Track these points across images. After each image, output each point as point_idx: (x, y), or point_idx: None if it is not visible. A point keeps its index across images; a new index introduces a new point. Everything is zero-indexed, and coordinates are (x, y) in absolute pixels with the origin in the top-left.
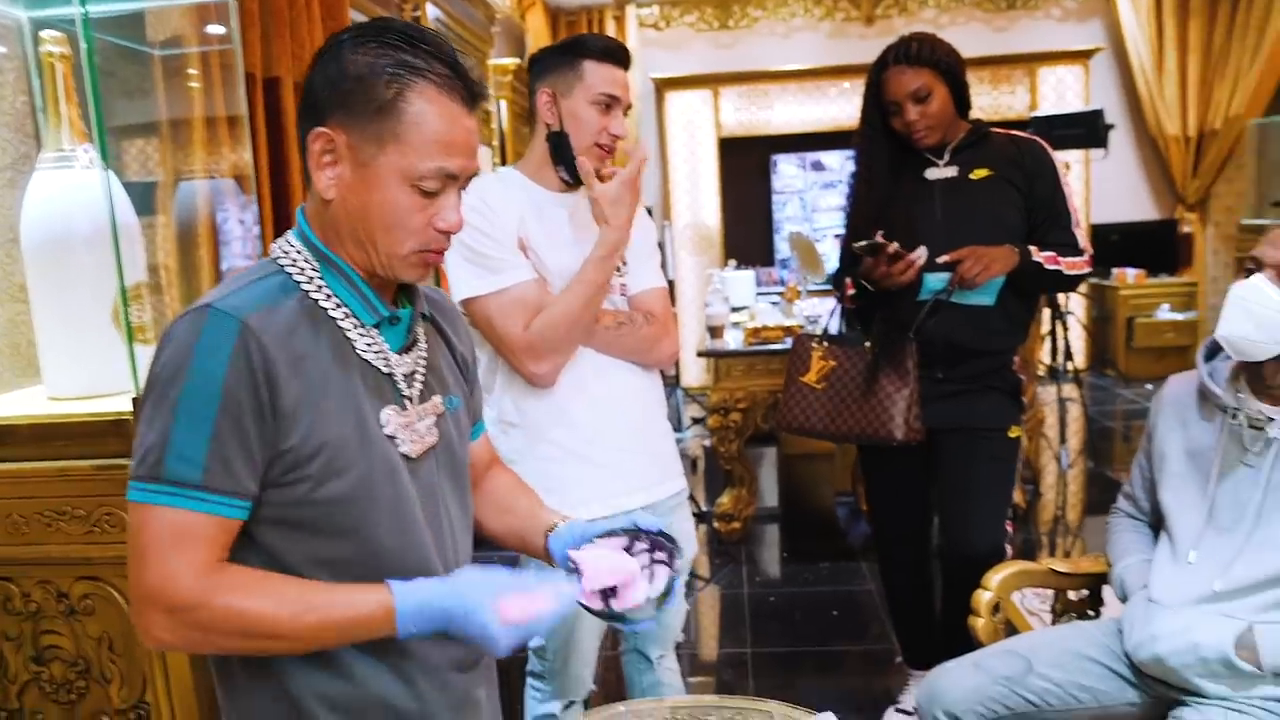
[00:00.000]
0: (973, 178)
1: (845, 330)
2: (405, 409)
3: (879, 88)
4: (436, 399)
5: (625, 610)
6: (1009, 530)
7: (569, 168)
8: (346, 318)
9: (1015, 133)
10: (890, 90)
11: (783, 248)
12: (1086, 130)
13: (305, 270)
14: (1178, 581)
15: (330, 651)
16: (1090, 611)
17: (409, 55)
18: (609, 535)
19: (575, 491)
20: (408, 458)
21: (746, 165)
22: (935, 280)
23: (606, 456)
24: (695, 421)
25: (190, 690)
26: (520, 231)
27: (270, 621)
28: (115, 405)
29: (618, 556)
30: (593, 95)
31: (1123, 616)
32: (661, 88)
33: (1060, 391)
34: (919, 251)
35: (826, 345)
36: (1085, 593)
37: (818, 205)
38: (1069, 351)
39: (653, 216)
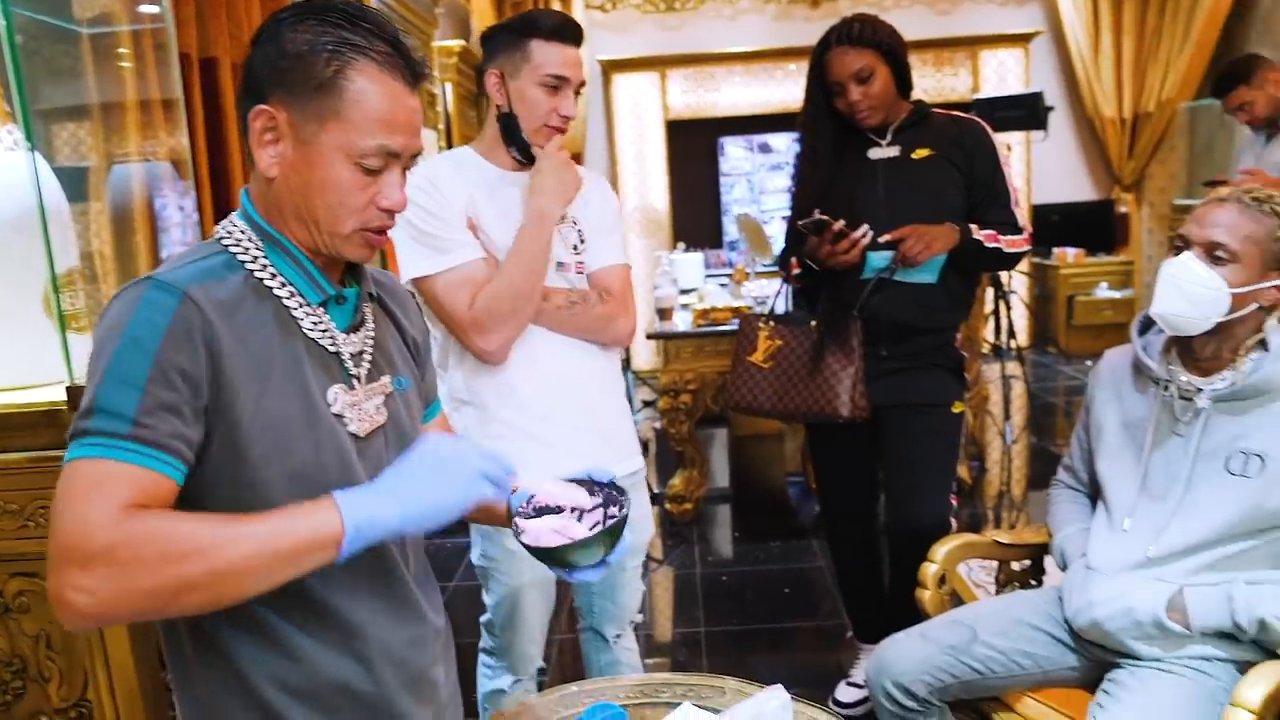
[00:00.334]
0: (914, 157)
1: (791, 310)
2: (353, 388)
3: (822, 68)
4: (385, 379)
5: (571, 557)
6: (953, 504)
7: (520, 149)
8: (292, 296)
9: (956, 113)
10: (833, 71)
11: (731, 230)
12: (1027, 112)
13: (250, 250)
14: (1114, 549)
15: (283, 635)
16: (1033, 581)
17: (349, 33)
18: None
19: (524, 470)
20: (356, 437)
21: (694, 147)
22: (879, 259)
23: (556, 435)
24: (646, 404)
25: (134, 687)
26: (469, 211)
27: (196, 536)
28: (48, 395)
29: (568, 489)
30: (540, 76)
31: (1062, 584)
32: (608, 70)
33: (1004, 369)
34: (862, 229)
35: (773, 325)
36: (1027, 563)
37: (765, 187)
38: (1012, 329)
39: None
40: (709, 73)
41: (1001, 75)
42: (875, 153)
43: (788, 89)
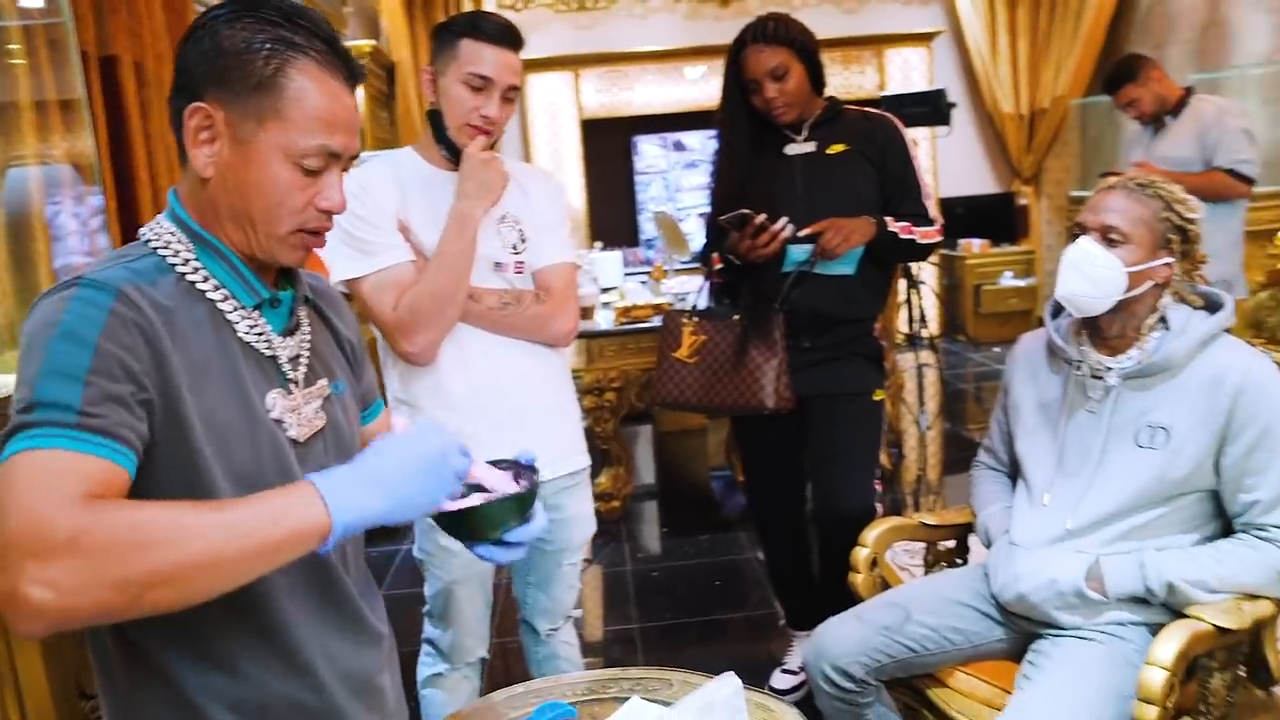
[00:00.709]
0: (829, 153)
1: (711, 305)
2: (291, 392)
3: (738, 66)
4: (322, 382)
5: (474, 524)
6: (877, 489)
7: (447, 146)
8: (226, 299)
9: (867, 109)
10: (749, 68)
11: (647, 228)
12: (932, 108)
13: (180, 252)
14: (1035, 523)
15: (222, 651)
16: (958, 560)
17: (288, 31)
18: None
19: None
20: (295, 442)
21: (609, 146)
22: (798, 252)
23: (488, 435)
24: None
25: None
26: (400, 213)
27: (167, 522)
28: None
29: (493, 473)
30: (462, 74)
31: (987, 561)
32: (522, 69)
33: (918, 357)
34: (782, 222)
35: (696, 320)
36: (952, 543)
37: (680, 185)
38: (924, 319)
39: None
40: (622, 72)
41: (906, 73)
42: (792, 149)
43: (700, 87)
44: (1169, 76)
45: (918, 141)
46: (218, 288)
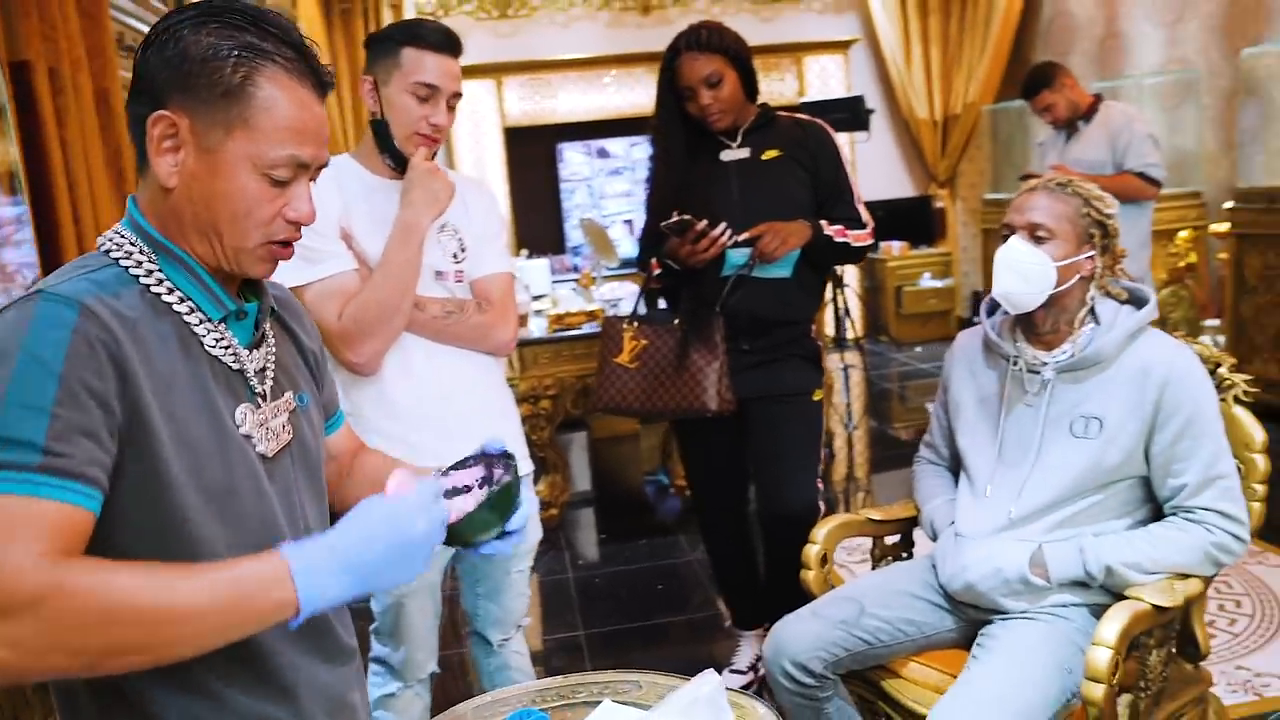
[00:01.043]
0: (764, 158)
1: (646, 310)
2: (259, 406)
3: (673, 73)
4: (288, 395)
5: (466, 533)
6: (819, 487)
7: (392, 156)
8: (192, 312)
9: (799, 115)
10: (684, 76)
11: (574, 235)
12: (851, 114)
13: (142, 263)
14: (979, 514)
15: (199, 677)
16: (904, 553)
17: (254, 38)
18: (461, 466)
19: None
20: (264, 457)
21: (533, 154)
22: (737, 256)
23: (433, 444)
24: None
25: None
26: (343, 222)
27: (137, 596)
28: None
29: (467, 473)
30: (409, 84)
31: (934, 553)
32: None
33: (843, 358)
34: (721, 227)
35: (637, 325)
36: (898, 537)
37: (605, 192)
38: (851, 320)
39: None
40: (545, 79)
41: (824, 80)
42: (727, 155)
43: (624, 95)
44: (1080, 84)
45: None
46: (183, 300)
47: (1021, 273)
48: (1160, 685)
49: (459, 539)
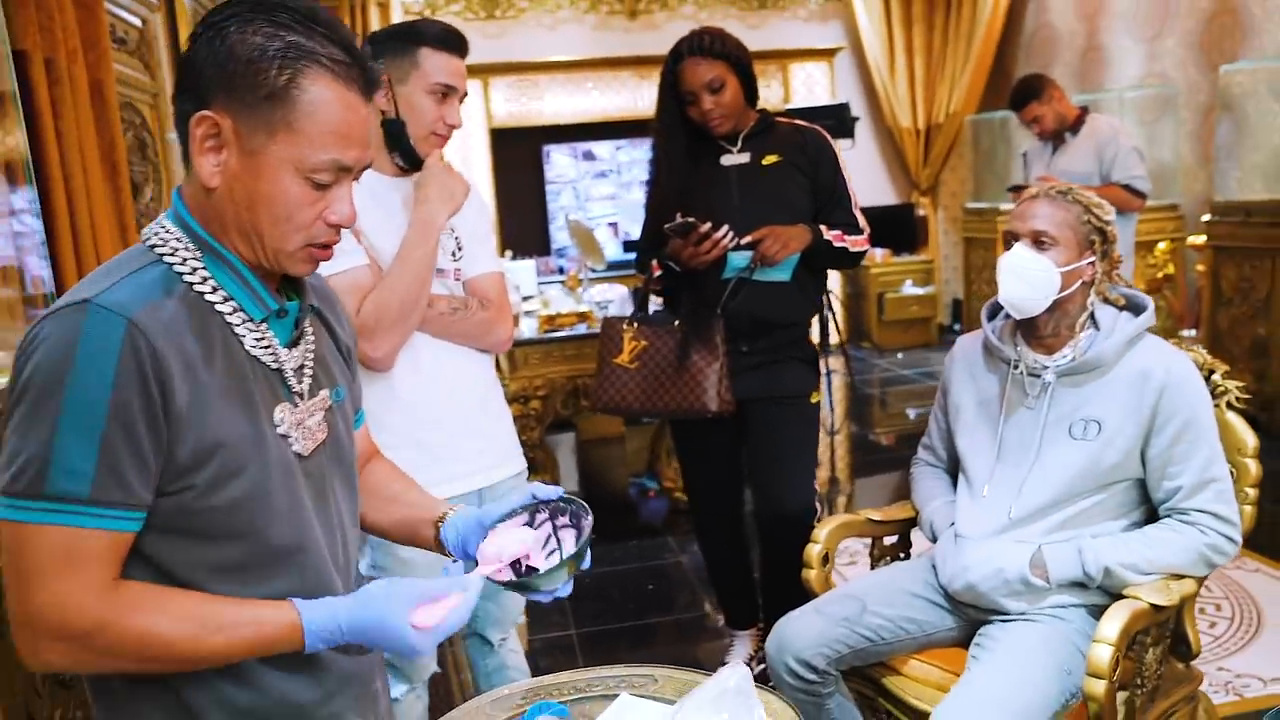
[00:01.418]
0: (764, 163)
1: (636, 310)
2: (296, 405)
3: (675, 78)
4: (324, 392)
5: (535, 580)
6: (817, 489)
7: (405, 154)
8: (234, 312)
9: (798, 122)
10: (686, 81)
11: (559, 237)
12: (836, 121)
13: (188, 261)
14: (978, 516)
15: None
16: (902, 554)
17: (302, 37)
18: (509, 517)
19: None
20: (300, 455)
21: (519, 156)
22: (738, 259)
23: (442, 441)
24: None
25: None
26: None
27: (174, 643)
28: None
29: (515, 534)
30: (429, 84)
31: (935, 553)
32: None
33: (827, 363)
34: (724, 230)
35: (637, 326)
36: (896, 537)
37: (590, 194)
38: (837, 325)
39: None
40: (532, 81)
41: (810, 87)
42: (727, 159)
43: (609, 98)
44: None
45: None
46: (226, 299)
47: (1026, 279)
48: (1155, 683)
49: (530, 588)
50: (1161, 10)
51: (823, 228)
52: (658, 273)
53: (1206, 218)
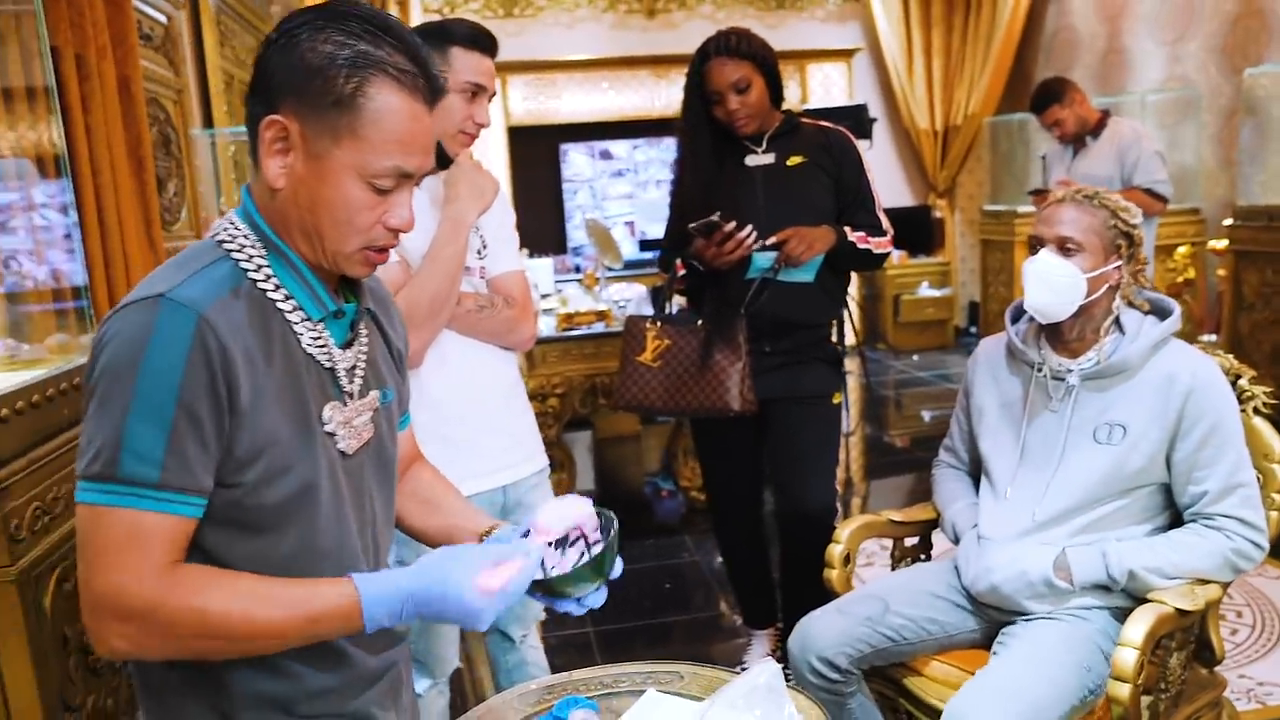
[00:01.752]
0: (789, 164)
1: (654, 309)
2: (345, 405)
3: (701, 78)
4: (374, 393)
5: (568, 587)
6: (838, 490)
7: (435, 153)
8: (294, 310)
9: (822, 123)
10: (712, 81)
11: (576, 235)
12: (854, 122)
13: (254, 259)
14: (1001, 517)
15: (273, 657)
16: (923, 555)
17: (370, 46)
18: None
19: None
20: (344, 454)
21: (536, 154)
22: (763, 259)
23: (469, 437)
24: None
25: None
26: None
27: (230, 618)
28: None
29: (571, 504)
30: (459, 83)
31: (957, 555)
32: None
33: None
34: (748, 229)
35: (660, 325)
36: (917, 538)
37: (607, 193)
38: (854, 327)
39: None
40: (550, 79)
41: (827, 88)
42: (752, 160)
43: (627, 97)
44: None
45: None
46: (287, 298)
47: (1052, 285)
48: (1179, 688)
49: (555, 592)
50: (1184, 13)
51: (847, 229)
52: (682, 272)
53: (1229, 222)
